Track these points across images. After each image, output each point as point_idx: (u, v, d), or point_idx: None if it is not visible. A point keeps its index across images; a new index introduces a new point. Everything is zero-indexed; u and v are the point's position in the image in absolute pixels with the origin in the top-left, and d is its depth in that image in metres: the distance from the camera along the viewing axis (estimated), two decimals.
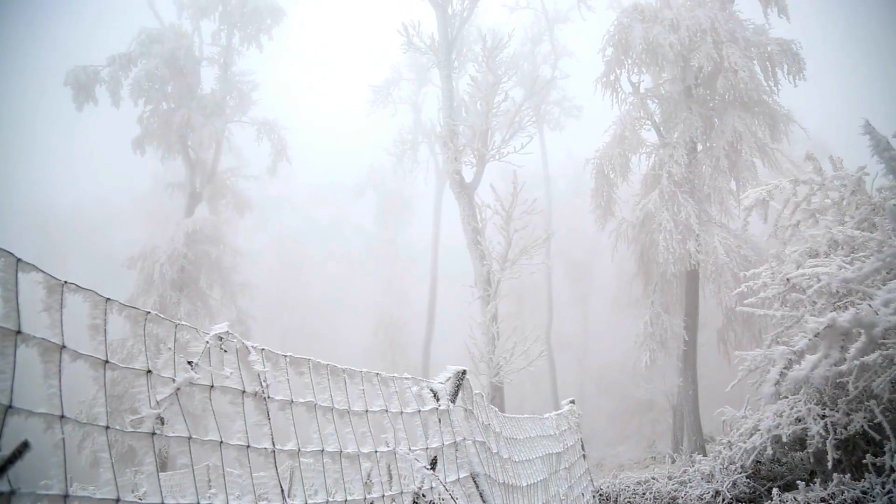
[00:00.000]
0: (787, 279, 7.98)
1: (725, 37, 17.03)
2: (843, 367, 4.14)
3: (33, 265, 1.63)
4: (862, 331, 3.85)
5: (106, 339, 1.74)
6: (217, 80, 25.19)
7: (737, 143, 17.24)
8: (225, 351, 2.06)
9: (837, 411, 7.16)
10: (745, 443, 8.08)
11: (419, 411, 3.34)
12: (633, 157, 19.09)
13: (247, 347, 2.13)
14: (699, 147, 18.34)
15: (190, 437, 1.92)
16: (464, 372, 3.77)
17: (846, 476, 6.68)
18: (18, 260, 1.58)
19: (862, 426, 6.83)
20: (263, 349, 2.23)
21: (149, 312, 1.89)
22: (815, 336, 3.89)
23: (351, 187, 41.48)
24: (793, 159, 20.17)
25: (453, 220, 19.95)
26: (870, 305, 3.92)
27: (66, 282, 1.69)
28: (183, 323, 1.95)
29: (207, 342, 1.99)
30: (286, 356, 2.41)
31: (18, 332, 1.57)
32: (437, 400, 3.54)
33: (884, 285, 4.59)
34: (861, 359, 4.14)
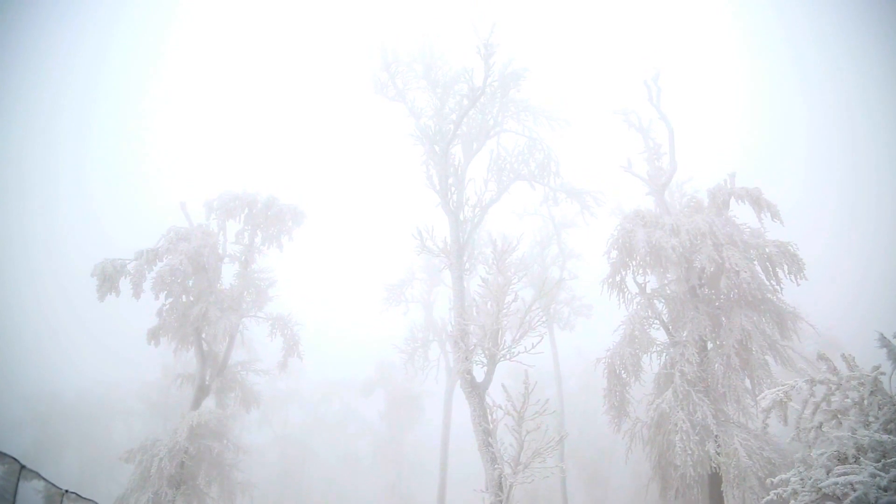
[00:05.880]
0: (819, 488, 7.58)
1: (724, 239, 17.76)
2: None
3: (36, 472, 1.61)
4: None
5: None
6: (236, 277, 26.08)
7: (746, 341, 17.23)
8: None
9: None
10: None
11: None
12: (644, 356, 19.01)
13: None
14: (709, 345, 18.30)
15: None
16: None
17: None
18: (22, 467, 1.56)
19: None
20: None
21: None
22: None
23: (360, 383, 41.05)
24: (805, 355, 19.98)
25: (463, 421, 19.41)
26: None
27: (66, 491, 1.65)
28: None
29: None
30: None
31: None
32: None
33: None
34: None
